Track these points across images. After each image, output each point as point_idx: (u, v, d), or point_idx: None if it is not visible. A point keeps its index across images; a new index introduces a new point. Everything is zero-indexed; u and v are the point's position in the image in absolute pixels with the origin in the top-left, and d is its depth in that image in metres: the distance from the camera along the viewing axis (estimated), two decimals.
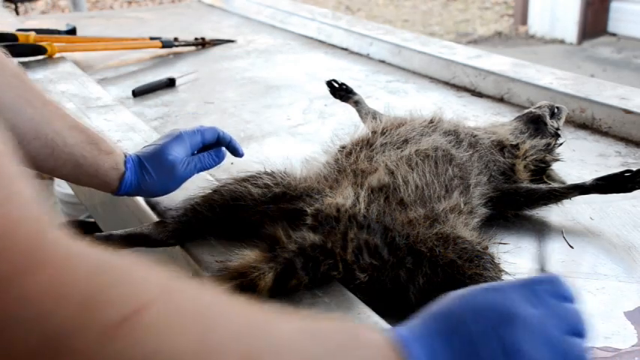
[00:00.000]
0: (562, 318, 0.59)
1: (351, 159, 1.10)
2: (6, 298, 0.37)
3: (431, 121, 1.20)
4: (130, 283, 0.43)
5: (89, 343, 0.39)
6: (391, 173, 1.02)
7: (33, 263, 0.38)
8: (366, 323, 0.63)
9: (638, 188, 1.14)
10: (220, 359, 0.45)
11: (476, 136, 1.21)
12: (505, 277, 0.94)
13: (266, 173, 1.05)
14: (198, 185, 1.16)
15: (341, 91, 1.55)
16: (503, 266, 0.95)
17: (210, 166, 1.18)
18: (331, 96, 1.57)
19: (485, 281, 0.89)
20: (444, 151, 1.10)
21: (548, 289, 0.60)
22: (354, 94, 1.54)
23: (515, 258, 1.07)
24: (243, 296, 0.52)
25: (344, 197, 0.96)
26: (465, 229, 0.98)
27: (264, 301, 0.55)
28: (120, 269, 0.43)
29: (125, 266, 0.44)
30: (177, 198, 1.15)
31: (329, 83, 1.57)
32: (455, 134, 1.17)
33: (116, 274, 0.42)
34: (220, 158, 1.19)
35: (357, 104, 1.51)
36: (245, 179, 1.04)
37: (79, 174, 1.06)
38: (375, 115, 1.42)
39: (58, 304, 0.38)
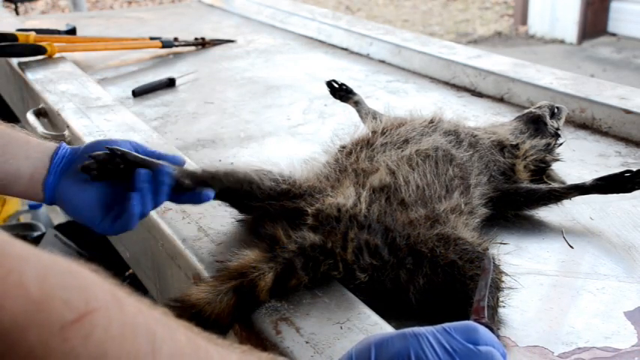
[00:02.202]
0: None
1: (352, 158, 1.09)
2: None
3: (431, 121, 1.20)
4: (81, 287, 0.44)
5: (43, 340, 0.41)
6: (392, 173, 1.02)
7: None
8: None
9: (638, 188, 1.14)
10: None
11: (476, 136, 1.21)
12: (505, 277, 0.94)
13: (277, 171, 1.05)
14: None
15: (341, 92, 1.55)
16: (503, 267, 0.95)
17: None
18: (331, 96, 1.57)
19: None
20: (444, 151, 1.10)
21: (463, 336, 0.66)
22: (354, 94, 1.54)
23: (516, 258, 1.07)
24: (185, 321, 0.55)
25: (345, 197, 0.96)
26: (466, 230, 0.98)
27: (207, 330, 0.59)
28: (69, 274, 0.44)
29: (75, 271, 0.45)
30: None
31: (329, 83, 1.57)
32: (455, 134, 1.17)
33: (65, 277, 0.44)
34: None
35: (357, 104, 1.51)
36: (259, 170, 1.05)
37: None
38: (375, 115, 1.42)
39: (11, 300, 0.40)
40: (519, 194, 1.18)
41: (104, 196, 0.92)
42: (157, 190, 0.91)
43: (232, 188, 1.02)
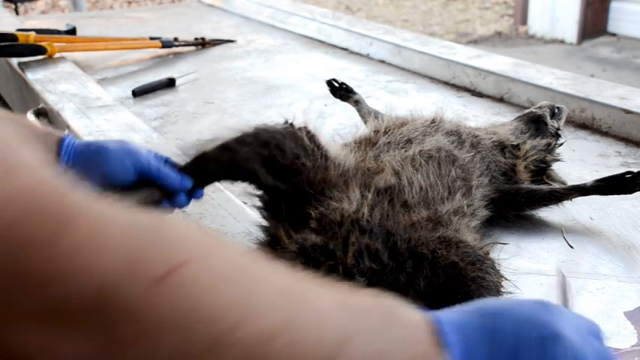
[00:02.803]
0: (600, 354, 0.57)
1: (359, 156, 1.09)
2: (50, 256, 0.38)
3: (433, 121, 1.20)
4: (169, 240, 0.44)
5: (135, 296, 0.41)
6: (397, 174, 1.01)
7: (66, 221, 0.39)
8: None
9: (638, 190, 1.14)
10: (260, 322, 0.45)
11: (477, 136, 1.20)
12: (505, 282, 0.94)
13: (304, 139, 0.95)
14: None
15: (341, 91, 1.55)
16: (503, 268, 0.95)
17: None
18: (331, 96, 1.57)
19: (487, 285, 0.89)
20: (447, 152, 1.10)
21: (587, 327, 0.59)
22: (355, 93, 1.54)
23: (516, 259, 1.07)
24: (281, 263, 0.52)
25: (349, 201, 0.95)
26: (468, 233, 0.97)
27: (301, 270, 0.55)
28: (155, 226, 0.44)
29: (160, 223, 0.45)
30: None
31: (329, 83, 1.57)
32: (457, 135, 1.17)
33: (152, 230, 0.43)
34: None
35: (358, 104, 1.51)
36: (285, 133, 0.93)
37: None
38: (376, 114, 1.41)
39: (100, 258, 0.40)
40: (520, 195, 1.18)
41: None
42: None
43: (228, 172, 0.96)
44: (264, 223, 1.00)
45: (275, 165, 0.93)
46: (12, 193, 0.38)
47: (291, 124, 0.99)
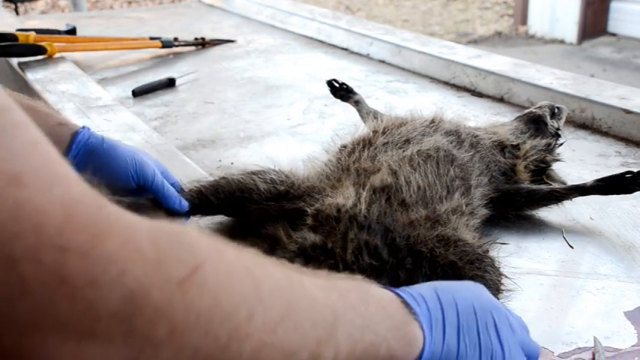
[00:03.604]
0: (520, 321, 0.76)
1: (354, 157, 1.09)
2: (88, 263, 0.41)
3: (432, 121, 1.20)
4: (186, 244, 0.48)
5: (164, 297, 0.44)
6: (394, 173, 1.02)
7: (101, 232, 0.42)
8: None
9: (638, 189, 1.14)
10: (268, 311, 0.50)
11: (477, 136, 1.20)
12: (505, 280, 0.94)
13: (274, 170, 1.05)
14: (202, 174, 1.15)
15: (341, 91, 1.55)
16: (503, 267, 0.95)
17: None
18: (331, 96, 1.57)
19: (486, 283, 0.89)
20: (445, 151, 1.10)
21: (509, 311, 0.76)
22: (355, 93, 1.54)
23: (516, 258, 1.07)
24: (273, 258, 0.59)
25: (345, 197, 0.96)
26: (467, 232, 0.98)
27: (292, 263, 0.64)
28: (173, 234, 0.48)
29: (177, 231, 0.49)
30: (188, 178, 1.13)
31: (329, 83, 1.57)
32: (456, 134, 1.17)
33: (172, 238, 0.47)
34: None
35: (358, 104, 1.51)
36: (253, 172, 1.05)
37: None
38: (375, 114, 1.42)
39: (132, 264, 0.43)
40: (520, 195, 1.18)
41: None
42: None
43: (224, 199, 1.03)
44: (263, 223, 1.00)
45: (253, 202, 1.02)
46: (57, 203, 0.41)
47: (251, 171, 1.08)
